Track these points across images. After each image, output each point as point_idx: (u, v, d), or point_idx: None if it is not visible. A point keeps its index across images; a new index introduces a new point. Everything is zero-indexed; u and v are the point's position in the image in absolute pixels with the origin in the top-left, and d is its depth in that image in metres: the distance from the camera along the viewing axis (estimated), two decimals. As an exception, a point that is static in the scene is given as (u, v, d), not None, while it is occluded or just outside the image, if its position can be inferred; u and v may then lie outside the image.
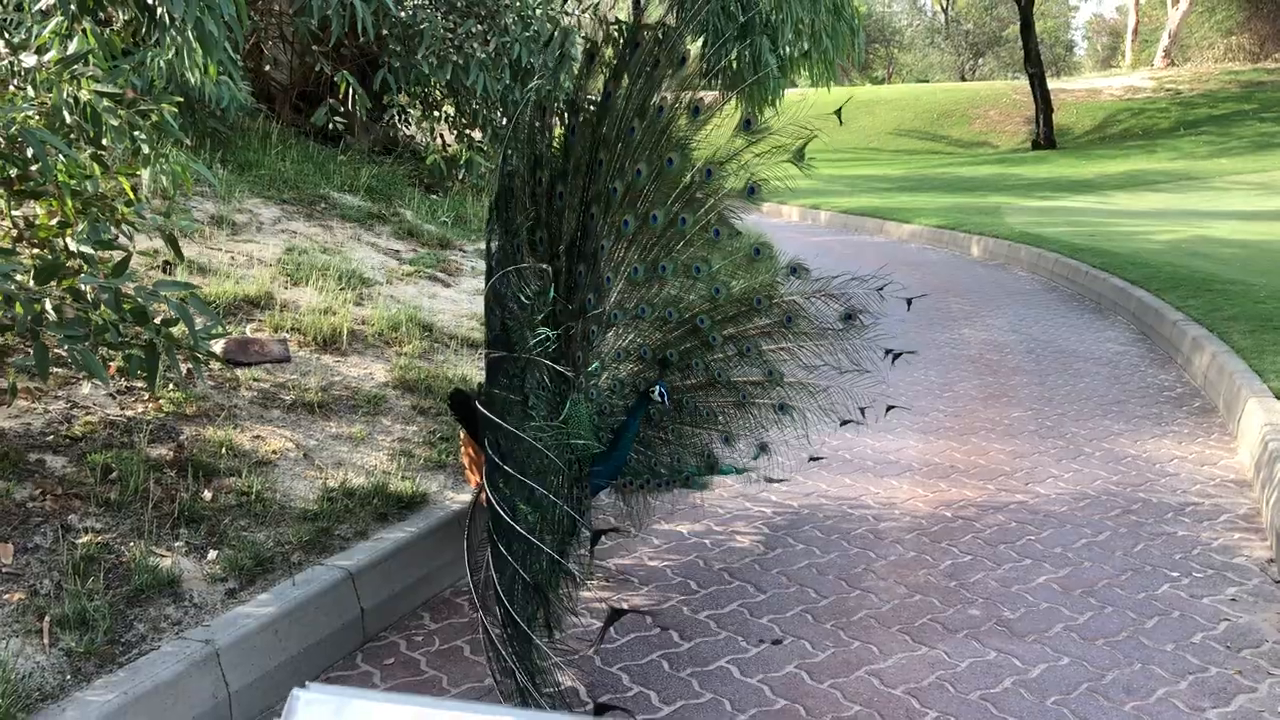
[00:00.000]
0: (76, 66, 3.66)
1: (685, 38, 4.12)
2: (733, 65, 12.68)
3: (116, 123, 3.67)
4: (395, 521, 4.04)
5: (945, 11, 60.82)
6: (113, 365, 4.07)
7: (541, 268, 3.63)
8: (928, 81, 53.89)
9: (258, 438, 4.31)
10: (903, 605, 3.99)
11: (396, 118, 10.48)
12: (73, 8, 4.06)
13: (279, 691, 3.23)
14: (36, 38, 4.02)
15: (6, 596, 3.06)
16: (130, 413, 4.18)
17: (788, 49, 13.23)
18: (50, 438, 3.86)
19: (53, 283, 3.36)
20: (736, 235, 4.33)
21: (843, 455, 5.75)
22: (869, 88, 47.86)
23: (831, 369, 4.35)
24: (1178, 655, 3.60)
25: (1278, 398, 5.82)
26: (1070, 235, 13.73)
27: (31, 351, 3.28)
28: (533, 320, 3.48)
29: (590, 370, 4.02)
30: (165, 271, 5.37)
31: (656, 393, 3.81)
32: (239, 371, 4.77)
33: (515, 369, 3.38)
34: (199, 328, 3.61)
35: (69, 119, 3.58)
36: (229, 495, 3.87)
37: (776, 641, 3.72)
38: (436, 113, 10.63)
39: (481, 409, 3.20)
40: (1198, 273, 10.20)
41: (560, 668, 3.24)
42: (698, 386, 4.26)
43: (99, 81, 3.66)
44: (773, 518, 4.89)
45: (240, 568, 3.49)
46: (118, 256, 3.42)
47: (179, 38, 4.87)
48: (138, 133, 3.78)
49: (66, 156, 3.46)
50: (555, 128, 4.05)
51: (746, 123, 4.04)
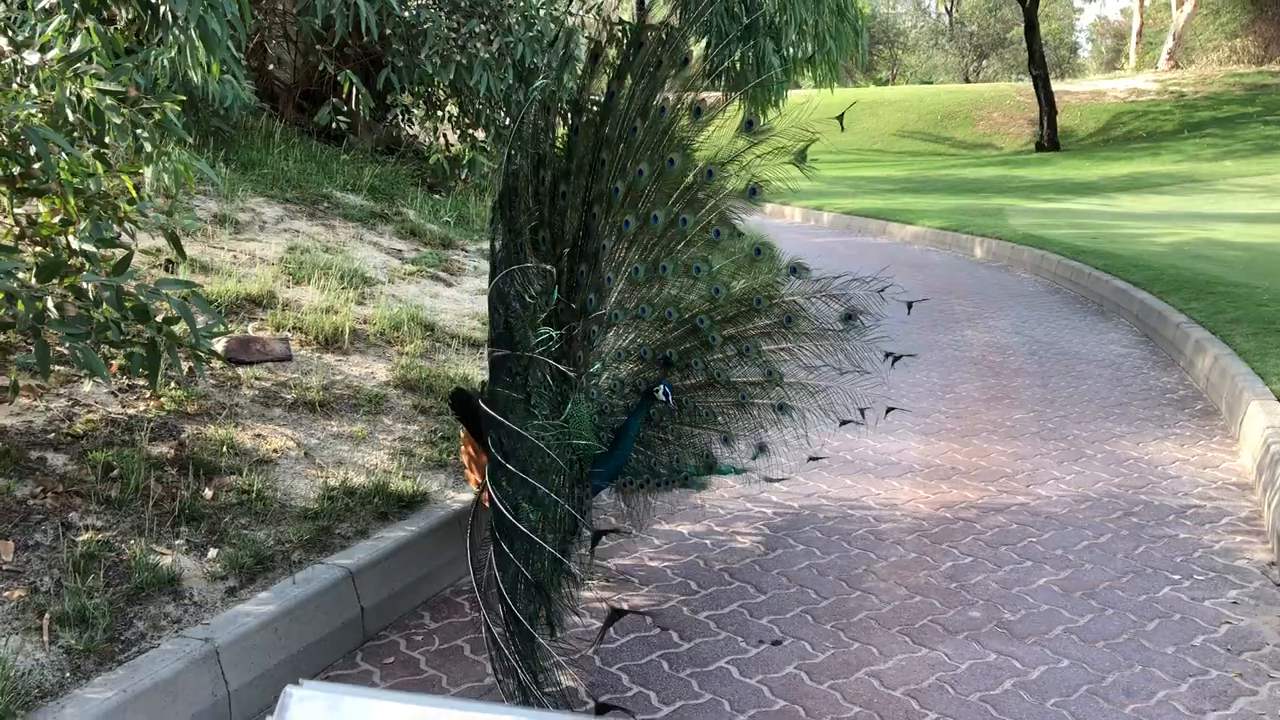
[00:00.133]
0: (79, 65, 3.65)
1: (689, 38, 4.11)
2: (736, 67, 12.67)
3: (119, 121, 3.67)
4: (396, 520, 4.04)
5: (949, 13, 60.79)
6: (114, 363, 4.08)
7: (545, 267, 3.63)
8: (932, 83, 53.84)
9: (259, 436, 4.32)
10: (903, 606, 3.99)
11: (400, 117, 10.50)
12: (76, 6, 4.06)
13: (278, 690, 3.22)
14: (40, 35, 4.03)
15: (7, 594, 3.06)
16: (131, 411, 4.18)
17: (791, 50, 13.23)
18: (51, 435, 3.87)
19: (55, 280, 3.36)
20: (738, 236, 4.32)
21: (844, 456, 5.75)
22: (873, 89, 47.85)
23: (831, 369, 4.34)
24: (1178, 658, 3.59)
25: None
26: (1073, 237, 13.72)
27: (33, 349, 3.28)
28: (535, 319, 3.48)
29: (591, 370, 4.02)
30: (168, 270, 5.38)
31: (661, 392, 3.80)
32: (240, 370, 4.78)
33: (518, 367, 3.38)
34: (200, 326, 3.61)
35: (72, 117, 3.58)
36: (230, 493, 3.87)
37: (776, 642, 3.72)
38: (440, 112, 10.64)
39: (484, 407, 3.20)
40: (1201, 275, 10.19)
41: (562, 667, 3.24)
42: (697, 386, 4.26)
43: (102, 80, 3.65)
44: (773, 518, 4.89)
45: (240, 566, 3.49)
46: (120, 255, 3.42)
47: (182, 36, 4.87)
48: (140, 131, 3.78)
49: (69, 154, 3.46)
50: (559, 128, 4.05)
51: (748, 124, 4.04)
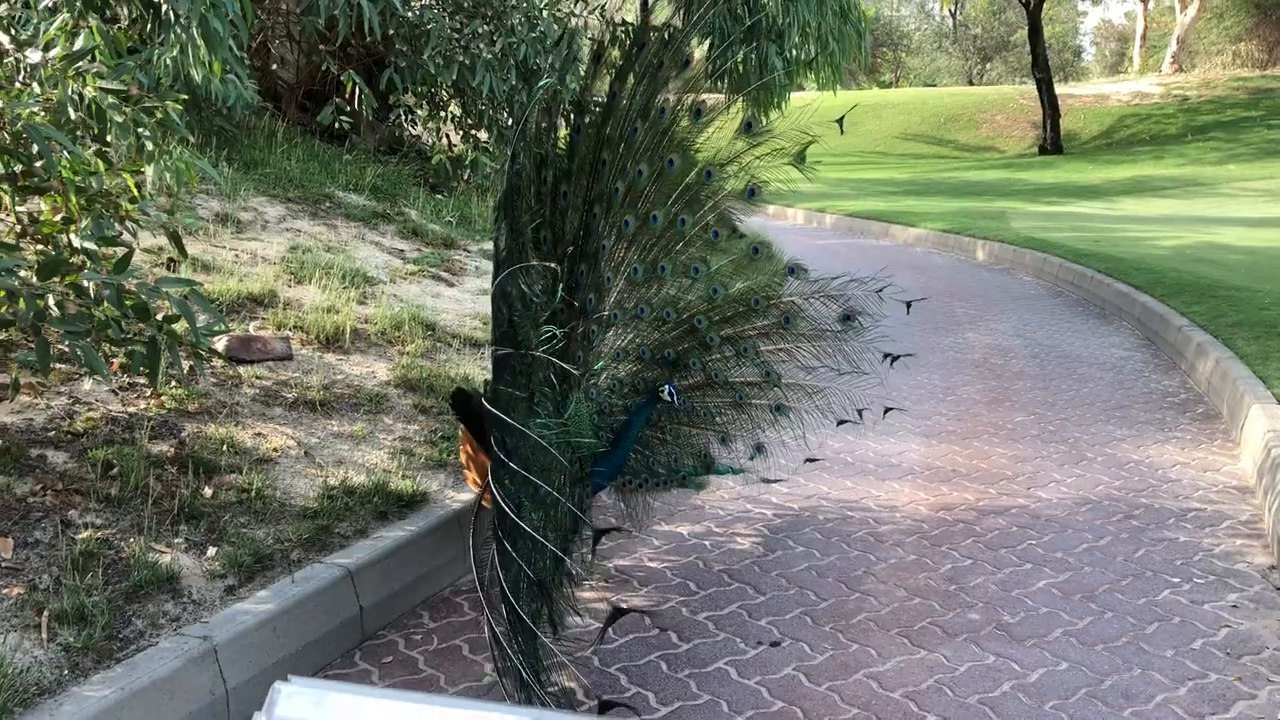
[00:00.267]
0: (81, 63, 3.66)
1: (691, 40, 4.12)
2: (739, 68, 12.66)
3: (121, 119, 3.67)
4: (395, 520, 4.04)
5: (953, 16, 60.75)
6: (115, 361, 4.08)
7: (549, 265, 3.63)
8: (935, 86, 53.83)
9: (259, 435, 4.32)
10: (902, 608, 3.99)
11: (402, 117, 10.50)
12: (78, 4, 4.06)
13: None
14: (44, 34, 4.03)
15: (5, 591, 3.07)
16: (132, 409, 4.19)
17: (794, 52, 13.22)
18: (52, 433, 3.87)
19: (56, 278, 3.37)
20: (739, 237, 4.32)
21: (844, 458, 5.75)
22: (876, 91, 47.83)
23: (830, 370, 4.34)
24: (1177, 661, 3.59)
25: (1281, 404, 5.81)
26: (1076, 240, 13.71)
27: (34, 347, 3.28)
28: (538, 318, 3.49)
29: (593, 369, 4.03)
30: (169, 269, 5.38)
31: (666, 392, 3.81)
32: (241, 369, 4.78)
33: (522, 366, 3.38)
34: (201, 325, 3.62)
35: (74, 115, 3.58)
36: (229, 492, 3.87)
37: (775, 643, 3.72)
38: (442, 113, 10.65)
39: (487, 405, 3.21)
40: (1203, 279, 10.18)
41: (565, 665, 3.24)
42: (695, 387, 4.26)
43: (104, 78, 3.66)
44: (773, 520, 4.89)
45: (239, 565, 3.49)
46: (121, 253, 3.43)
47: (184, 35, 4.88)
48: (142, 130, 3.78)
49: (71, 153, 3.46)
50: (561, 128, 4.06)
51: (748, 125, 4.05)
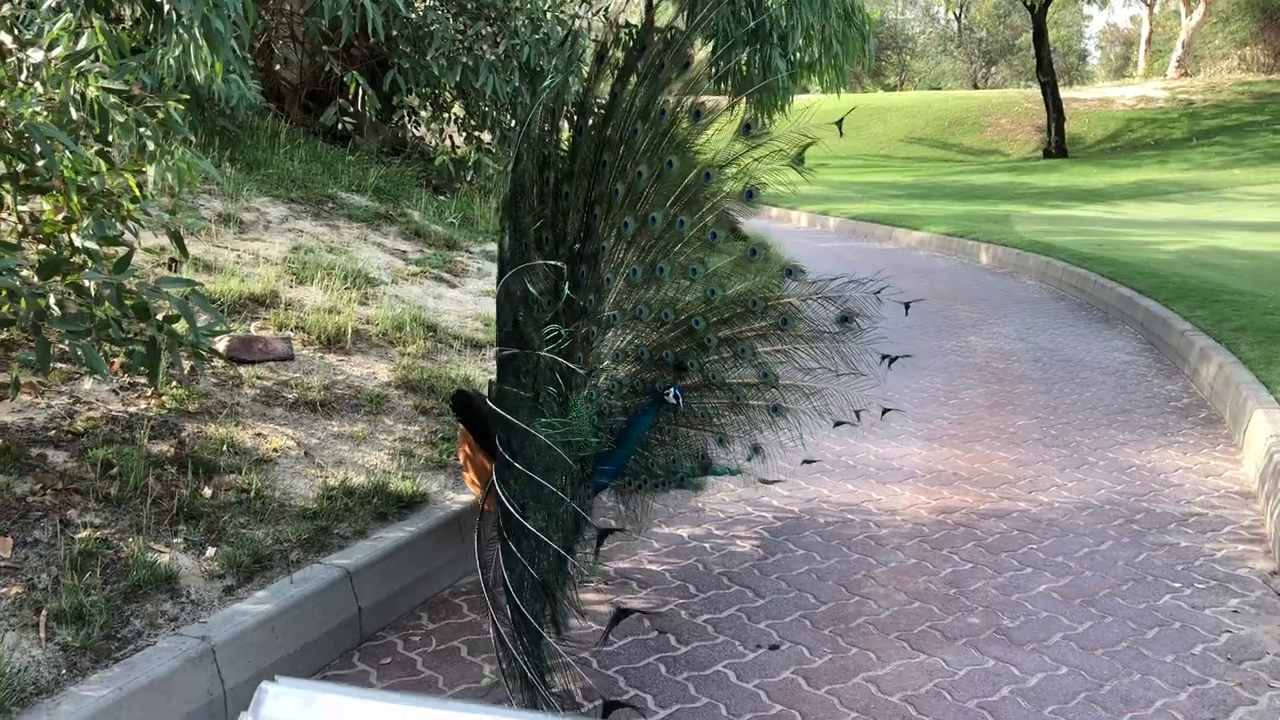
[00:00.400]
0: (84, 63, 3.66)
1: (694, 42, 4.12)
2: (743, 70, 12.67)
3: (123, 119, 3.68)
4: (395, 521, 4.04)
5: (958, 19, 60.75)
6: (115, 361, 4.08)
7: (556, 265, 3.63)
8: (940, 89, 53.80)
9: (259, 435, 4.32)
10: (902, 612, 3.98)
11: (406, 118, 10.51)
12: (81, 4, 4.07)
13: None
14: (47, 34, 4.03)
15: (4, 590, 3.07)
16: (132, 409, 4.19)
17: (798, 55, 13.23)
18: (52, 433, 3.88)
19: (57, 278, 3.37)
20: (741, 239, 4.33)
21: (845, 461, 5.74)
22: (881, 94, 47.82)
23: (828, 371, 4.35)
24: (1177, 666, 3.58)
25: (1284, 409, 5.80)
26: (1079, 244, 13.69)
27: (34, 346, 3.28)
28: (543, 318, 3.49)
29: (599, 369, 4.04)
30: (171, 269, 5.38)
31: (671, 395, 3.81)
32: (242, 369, 4.78)
33: (528, 366, 3.39)
34: (202, 325, 3.62)
35: (75, 115, 3.58)
36: (229, 492, 3.87)
37: (774, 647, 3.71)
38: (446, 114, 10.66)
39: (492, 406, 3.21)
40: (1207, 283, 10.16)
41: (570, 666, 3.24)
42: (693, 388, 4.26)
43: (106, 78, 3.67)
44: (773, 522, 4.88)
45: (238, 565, 3.49)
46: (122, 253, 3.43)
47: (186, 35, 4.88)
48: (144, 129, 3.78)
49: (73, 152, 3.46)
50: (564, 129, 4.06)
51: (746, 127, 4.05)
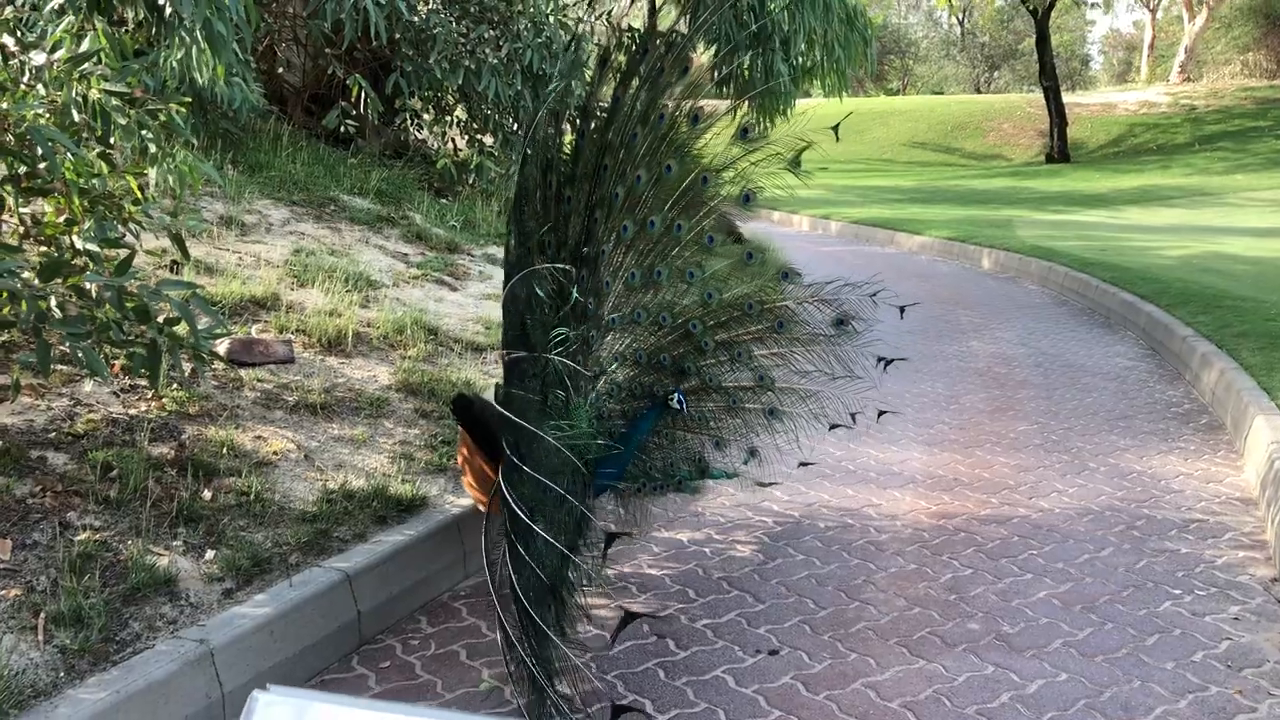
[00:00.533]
0: (86, 65, 3.67)
1: (696, 45, 4.13)
2: (745, 74, 12.67)
3: (125, 122, 3.68)
4: (394, 524, 4.04)
5: (961, 24, 60.75)
6: (116, 363, 4.08)
7: (565, 268, 3.63)
8: (942, 93, 53.76)
9: (259, 438, 4.32)
10: (901, 618, 3.97)
11: (408, 121, 10.52)
12: (84, 6, 4.07)
13: (273, 692, 3.22)
14: (50, 36, 4.04)
15: (3, 593, 3.06)
16: (133, 411, 4.19)
17: (800, 59, 13.23)
18: (52, 434, 3.88)
19: (58, 280, 3.37)
20: (741, 242, 4.34)
21: (845, 466, 5.73)
22: (883, 98, 47.84)
23: (824, 374, 4.36)
24: (1178, 673, 3.57)
25: (1286, 416, 5.79)
26: (1081, 249, 13.68)
27: (35, 348, 3.29)
28: (550, 321, 3.50)
29: (607, 371, 4.05)
30: (172, 271, 5.38)
31: (675, 400, 3.83)
32: (243, 372, 4.78)
33: (535, 369, 3.38)
34: (202, 327, 3.62)
35: (77, 117, 3.59)
36: (229, 495, 3.87)
37: (773, 652, 3.70)
38: (448, 117, 10.67)
39: (500, 408, 3.21)
40: (1209, 289, 10.15)
41: (578, 668, 3.24)
42: (690, 391, 4.26)
43: (108, 81, 3.67)
44: (773, 527, 4.88)
45: (237, 568, 3.49)
46: (123, 255, 3.43)
47: (188, 38, 4.89)
48: (146, 132, 3.79)
49: (74, 155, 3.46)
50: (567, 133, 4.07)
51: (743, 131, 4.05)
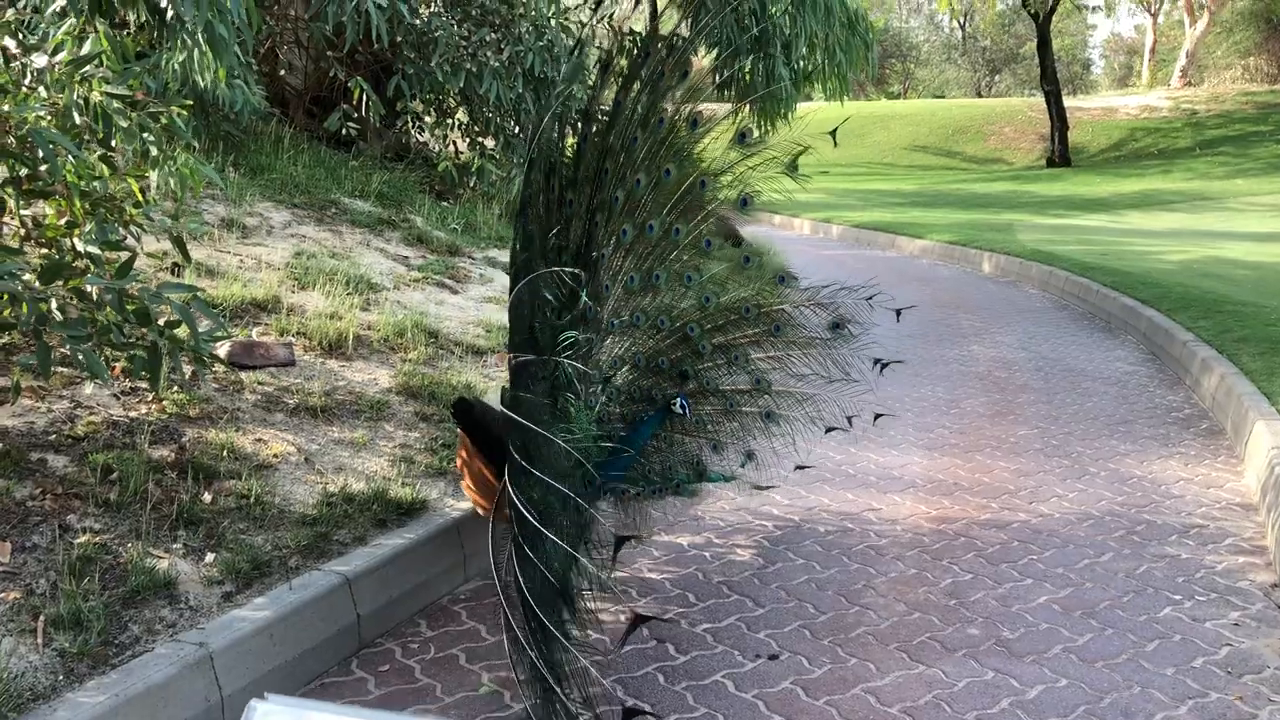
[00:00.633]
0: (87, 68, 3.67)
1: (698, 49, 4.14)
2: (746, 78, 12.67)
3: (126, 124, 3.69)
4: (394, 528, 4.04)
5: (962, 28, 60.79)
6: (116, 366, 4.09)
7: (575, 271, 3.64)
8: (943, 97, 53.81)
9: (260, 441, 4.32)
10: (901, 623, 3.97)
11: (409, 124, 10.51)
12: (85, 9, 4.08)
13: (272, 696, 3.21)
14: (51, 39, 4.05)
15: (2, 595, 3.06)
16: (133, 413, 4.19)
17: (801, 63, 13.23)
18: (53, 437, 3.88)
19: (58, 282, 3.37)
20: (740, 245, 4.35)
21: (845, 470, 5.73)
22: (884, 102, 47.86)
23: (820, 377, 4.39)
24: (1178, 679, 3.57)
25: (1286, 421, 5.78)
26: (1082, 254, 13.68)
27: (35, 350, 3.29)
28: (560, 325, 3.51)
29: (616, 374, 4.06)
30: (174, 273, 5.39)
31: (678, 405, 3.85)
32: (243, 374, 4.78)
33: (544, 372, 3.38)
34: (203, 330, 3.62)
35: (79, 120, 3.59)
36: (229, 498, 3.87)
37: (773, 656, 3.70)
38: (449, 120, 10.65)
39: (508, 411, 3.20)
40: (1209, 293, 10.14)
41: (587, 670, 3.24)
42: (689, 395, 4.27)
43: (109, 83, 3.68)
44: (773, 531, 4.87)
45: (237, 571, 3.49)
46: (124, 257, 3.44)
47: (190, 41, 4.89)
48: (147, 135, 3.79)
49: (75, 157, 3.47)
50: (569, 137, 4.07)
51: (741, 136, 4.06)
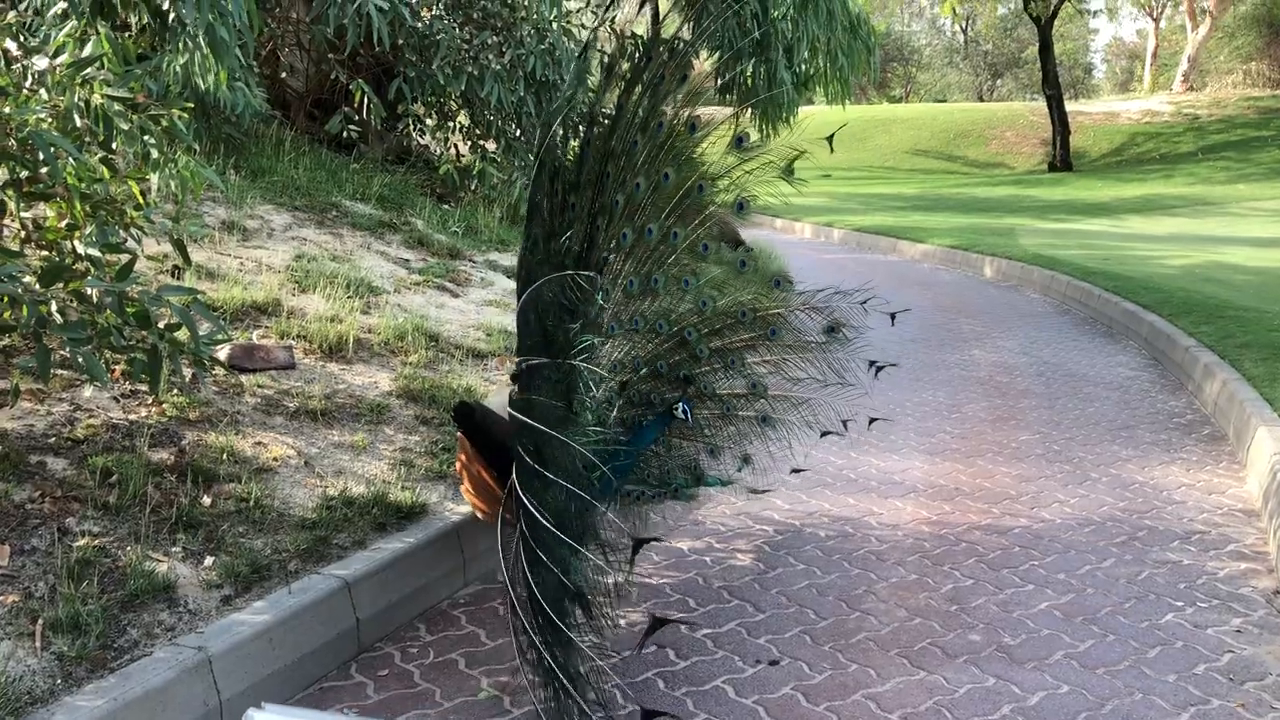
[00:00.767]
0: (88, 70, 3.67)
1: (700, 53, 4.14)
2: (748, 82, 12.66)
3: (127, 127, 3.68)
4: (394, 532, 4.03)
5: (964, 32, 60.83)
6: (116, 369, 4.08)
7: (592, 275, 3.64)
8: (945, 101, 53.84)
9: (259, 444, 4.31)
10: (902, 628, 3.96)
11: (410, 127, 10.52)
12: (87, 11, 4.08)
13: (271, 701, 3.21)
14: (53, 41, 4.04)
15: (1, 599, 3.06)
16: (133, 416, 4.18)
17: (803, 67, 13.22)
18: (52, 440, 3.87)
19: (58, 285, 3.37)
20: (746, 250, 4.36)
21: (846, 474, 5.72)
22: (886, 106, 47.88)
23: (815, 381, 4.40)
24: (1179, 686, 3.55)
25: (1288, 427, 5.77)
26: (1084, 258, 13.68)
27: (35, 353, 3.28)
28: (574, 328, 3.51)
29: (603, 380, 4.05)
30: (174, 276, 5.39)
31: (680, 410, 3.86)
32: (243, 377, 4.78)
33: (559, 375, 3.38)
34: (203, 333, 3.61)
35: (79, 122, 3.59)
36: (228, 501, 3.86)
37: (774, 662, 3.69)
38: (451, 123, 10.65)
39: (518, 415, 3.20)
40: (1211, 299, 10.14)
41: (605, 673, 3.23)
42: (688, 398, 4.28)
43: (111, 85, 3.67)
44: (774, 536, 4.86)
45: (236, 575, 3.48)
46: (125, 260, 3.43)
47: (191, 43, 4.89)
48: (148, 137, 3.79)
49: (76, 159, 3.46)
50: (572, 141, 4.07)
51: (738, 140, 4.07)
